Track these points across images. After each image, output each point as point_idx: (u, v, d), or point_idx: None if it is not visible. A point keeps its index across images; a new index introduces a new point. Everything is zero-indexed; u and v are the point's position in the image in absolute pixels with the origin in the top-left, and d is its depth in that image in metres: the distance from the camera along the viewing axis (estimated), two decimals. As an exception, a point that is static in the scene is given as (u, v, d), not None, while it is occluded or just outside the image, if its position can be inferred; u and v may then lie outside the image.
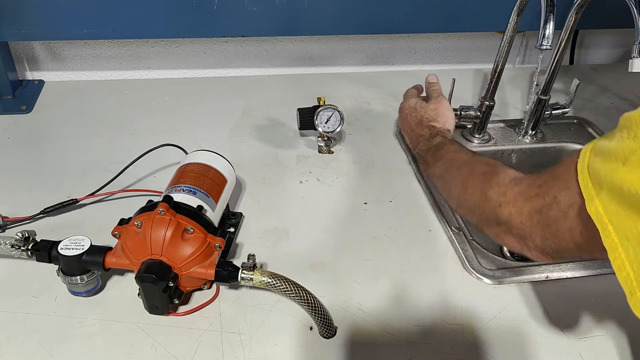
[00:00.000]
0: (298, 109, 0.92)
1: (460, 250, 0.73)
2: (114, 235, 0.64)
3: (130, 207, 0.68)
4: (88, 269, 0.62)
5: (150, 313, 0.63)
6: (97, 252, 0.62)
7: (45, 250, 0.62)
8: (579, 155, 0.47)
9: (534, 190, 0.53)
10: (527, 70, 1.23)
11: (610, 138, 0.43)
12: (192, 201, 0.65)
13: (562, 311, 0.66)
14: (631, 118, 0.40)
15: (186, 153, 0.79)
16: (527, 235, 0.53)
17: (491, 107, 0.94)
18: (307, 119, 0.91)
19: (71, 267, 0.62)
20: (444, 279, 0.70)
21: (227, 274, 0.61)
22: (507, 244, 0.58)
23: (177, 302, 0.62)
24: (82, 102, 1.03)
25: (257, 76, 1.18)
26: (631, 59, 0.73)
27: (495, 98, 0.93)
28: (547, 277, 0.71)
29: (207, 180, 0.70)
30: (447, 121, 0.84)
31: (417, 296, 0.68)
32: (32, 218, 0.75)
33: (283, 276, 0.61)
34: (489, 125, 0.98)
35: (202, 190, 0.68)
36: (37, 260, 0.63)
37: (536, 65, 0.82)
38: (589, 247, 0.47)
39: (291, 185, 0.85)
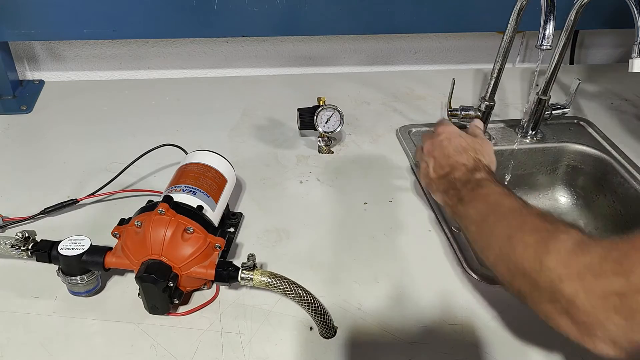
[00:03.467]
0: (298, 109, 0.92)
1: (460, 251, 0.73)
2: (114, 235, 0.64)
3: (130, 207, 0.68)
4: (88, 269, 0.62)
5: (150, 313, 0.63)
6: (97, 252, 0.62)
7: (45, 250, 0.62)
8: None
9: (610, 265, 0.43)
10: (527, 70, 1.23)
11: None
12: (192, 201, 0.65)
13: (562, 311, 0.66)
14: None
15: (186, 153, 0.79)
16: (596, 323, 0.43)
17: (491, 107, 0.94)
18: (307, 119, 0.91)
19: (71, 267, 0.62)
20: (444, 279, 0.70)
21: (227, 274, 0.61)
22: (563, 328, 0.47)
23: (177, 302, 0.62)
24: (82, 102, 1.03)
25: (257, 76, 1.18)
26: (631, 59, 0.73)
27: (495, 98, 0.93)
28: (547, 277, 0.70)
29: (207, 180, 0.70)
30: (492, 162, 0.72)
31: (417, 296, 0.68)
32: (32, 218, 0.75)
33: (283, 276, 0.61)
34: (489, 126, 0.98)
35: (202, 190, 0.68)
36: (37, 260, 0.63)
37: (536, 65, 0.82)
38: None
39: (291, 185, 0.85)
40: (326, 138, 0.93)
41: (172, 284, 0.60)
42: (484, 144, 0.74)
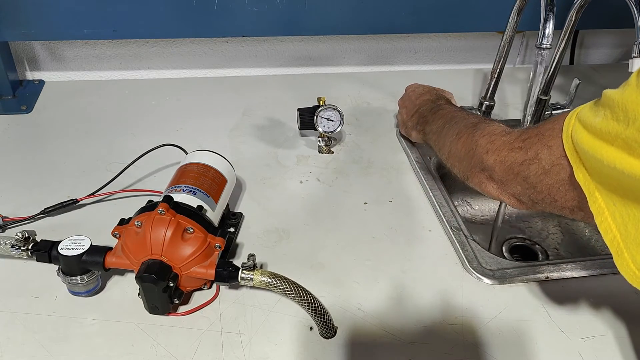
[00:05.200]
0: (298, 109, 0.92)
1: (460, 250, 0.73)
2: (114, 235, 0.64)
3: (130, 207, 0.68)
4: (88, 269, 0.62)
5: (150, 313, 0.63)
6: (97, 252, 0.62)
7: (45, 250, 0.62)
8: (564, 119, 0.50)
9: (518, 143, 0.56)
10: (527, 70, 1.22)
11: (595, 112, 0.45)
12: (192, 201, 0.65)
13: (562, 311, 0.66)
14: (613, 98, 0.43)
15: (186, 153, 0.79)
16: (507, 183, 0.58)
17: (491, 107, 0.94)
18: (307, 119, 0.91)
19: (71, 267, 0.62)
20: (444, 279, 0.70)
21: (227, 274, 0.61)
22: (488, 190, 0.62)
23: (177, 302, 0.62)
24: (82, 102, 1.03)
25: (257, 76, 1.18)
26: (631, 59, 0.73)
27: (495, 98, 0.93)
28: (547, 277, 0.71)
29: (207, 180, 0.70)
30: (451, 98, 0.89)
31: (417, 296, 0.68)
32: (32, 218, 0.75)
33: (283, 276, 0.61)
34: (489, 125, 0.98)
35: (202, 190, 0.68)
36: (37, 260, 0.63)
37: (535, 64, 0.82)
38: (565, 204, 0.52)
39: (291, 185, 0.85)
40: (326, 138, 0.93)
41: (172, 284, 0.60)
42: (442, 90, 0.91)
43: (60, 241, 0.63)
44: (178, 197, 0.65)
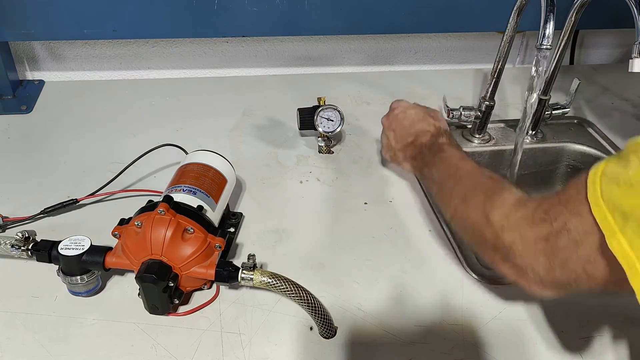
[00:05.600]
0: (298, 109, 0.92)
1: (460, 250, 0.73)
2: (114, 235, 0.64)
3: (130, 207, 0.68)
4: (88, 269, 0.62)
5: (150, 313, 0.63)
6: (97, 252, 0.62)
7: (45, 250, 0.62)
8: (587, 180, 0.44)
9: (540, 215, 0.49)
10: (527, 70, 1.22)
11: (623, 164, 0.41)
12: (192, 201, 0.65)
13: (562, 311, 0.66)
14: None
15: (186, 153, 0.79)
16: (528, 265, 0.50)
17: (491, 107, 0.94)
18: (307, 119, 0.91)
19: (71, 267, 0.62)
20: (444, 279, 0.70)
21: (227, 274, 0.61)
22: (504, 272, 0.54)
23: (177, 302, 0.62)
24: (82, 102, 1.03)
25: (257, 76, 1.18)
26: (631, 59, 0.73)
27: (495, 98, 0.93)
28: (547, 277, 0.70)
29: (207, 180, 0.70)
30: (445, 125, 0.80)
31: (417, 296, 0.68)
32: (32, 218, 0.75)
33: (283, 276, 0.61)
34: (489, 125, 0.98)
35: (202, 190, 0.68)
36: (37, 260, 0.63)
37: (536, 64, 0.82)
38: (604, 280, 0.45)
39: (291, 185, 0.85)
40: (326, 138, 0.93)
41: (172, 284, 0.60)
42: (434, 111, 0.82)
43: (60, 241, 0.63)
44: (178, 197, 0.65)
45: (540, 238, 0.48)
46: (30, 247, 0.64)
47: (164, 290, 0.59)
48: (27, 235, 0.65)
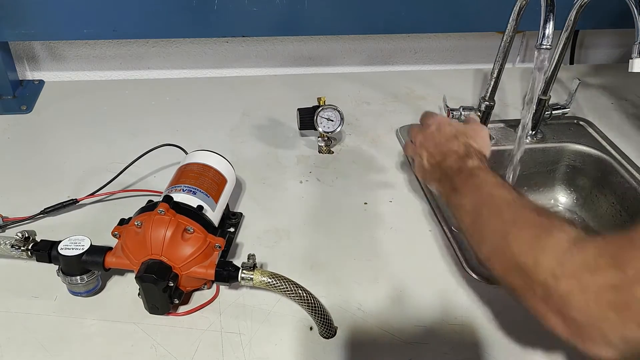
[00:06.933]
0: (298, 109, 0.92)
1: (460, 250, 0.73)
2: (114, 235, 0.64)
3: (130, 207, 0.68)
4: (88, 269, 0.62)
5: (150, 313, 0.63)
6: (97, 252, 0.62)
7: (45, 250, 0.62)
8: None
9: (605, 260, 0.41)
10: (527, 70, 1.23)
11: None
12: (192, 201, 0.65)
13: (562, 311, 0.66)
14: None
15: (186, 153, 0.79)
16: (590, 321, 0.42)
17: (491, 107, 0.94)
18: (307, 119, 0.91)
19: (71, 267, 0.62)
20: (444, 279, 0.70)
21: (227, 274, 0.61)
22: (556, 327, 0.46)
23: (177, 302, 0.62)
24: (82, 102, 1.03)
25: (257, 76, 1.18)
26: (631, 59, 0.73)
27: (495, 98, 0.93)
28: (547, 277, 0.70)
29: (207, 180, 0.70)
30: (485, 146, 0.70)
31: (417, 296, 0.68)
32: (32, 218, 0.75)
33: (283, 276, 0.61)
34: (489, 125, 0.98)
35: (202, 190, 0.68)
36: (37, 260, 0.63)
37: (535, 64, 0.82)
38: None
39: (291, 185, 0.85)
40: (326, 138, 0.93)
41: (172, 284, 0.60)
42: (477, 129, 0.72)
43: (60, 241, 0.62)
44: (178, 197, 0.65)
45: (607, 287, 0.40)
46: (30, 247, 0.64)
47: (164, 290, 0.59)
48: (27, 235, 0.65)
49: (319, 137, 0.93)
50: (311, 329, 0.63)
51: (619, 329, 0.40)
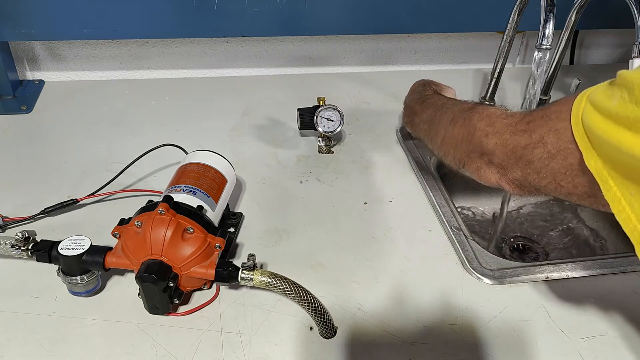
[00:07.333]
0: (298, 109, 0.92)
1: (460, 250, 0.73)
2: (114, 235, 0.64)
3: (130, 207, 0.68)
4: (88, 269, 0.62)
5: (150, 313, 0.63)
6: (97, 252, 0.62)
7: (45, 250, 0.62)
8: (573, 101, 0.47)
9: (522, 126, 0.54)
10: (527, 70, 1.22)
11: (609, 95, 0.42)
12: (192, 201, 0.66)
13: (562, 311, 0.66)
14: (632, 80, 0.40)
15: (186, 153, 0.79)
16: (508, 167, 0.56)
17: (491, 107, 0.94)
18: (307, 119, 0.91)
19: (71, 267, 0.62)
20: (444, 279, 0.70)
21: (227, 274, 0.61)
22: (487, 176, 0.59)
23: (177, 302, 0.62)
24: (82, 102, 1.03)
25: (257, 76, 1.18)
26: (631, 59, 0.73)
27: (495, 98, 0.93)
28: (547, 277, 0.71)
29: (207, 180, 0.70)
30: (444, 90, 0.87)
31: (417, 296, 0.68)
32: (32, 218, 0.75)
33: (283, 276, 0.61)
34: (489, 125, 0.98)
35: (202, 190, 0.68)
36: (37, 260, 0.63)
37: (535, 64, 0.82)
38: (573, 190, 0.49)
39: (291, 185, 0.85)
40: (326, 138, 0.93)
41: (172, 284, 0.60)
42: (444, 86, 0.88)
43: (60, 241, 0.62)
44: (178, 197, 0.65)
45: (519, 146, 0.53)
46: (30, 247, 0.64)
47: (164, 290, 0.59)
48: (27, 235, 0.65)
49: (319, 137, 0.93)
50: (311, 329, 0.63)
51: (528, 177, 0.54)
